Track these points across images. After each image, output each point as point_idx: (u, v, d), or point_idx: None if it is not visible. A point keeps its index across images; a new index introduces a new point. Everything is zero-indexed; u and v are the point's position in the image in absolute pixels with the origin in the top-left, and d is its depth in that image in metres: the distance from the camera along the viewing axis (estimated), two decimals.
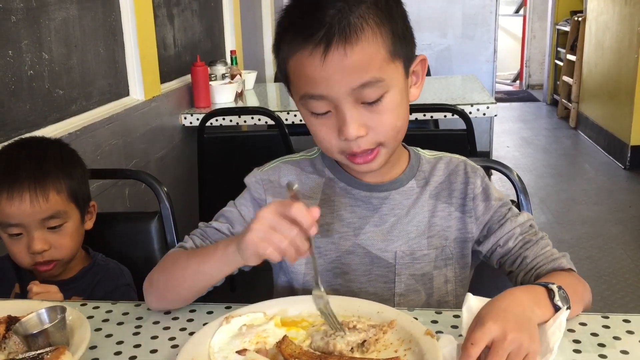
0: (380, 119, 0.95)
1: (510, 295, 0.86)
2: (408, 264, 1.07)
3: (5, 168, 1.24)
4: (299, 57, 0.93)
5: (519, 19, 8.81)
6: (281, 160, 1.14)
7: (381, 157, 0.99)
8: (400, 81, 0.97)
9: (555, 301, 0.87)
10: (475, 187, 1.09)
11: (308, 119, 0.99)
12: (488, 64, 4.77)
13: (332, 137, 0.97)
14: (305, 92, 0.95)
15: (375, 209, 1.07)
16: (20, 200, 1.21)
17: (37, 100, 1.82)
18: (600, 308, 1.17)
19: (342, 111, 0.93)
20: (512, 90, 8.51)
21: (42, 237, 1.24)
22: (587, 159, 5.13)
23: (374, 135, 0.96)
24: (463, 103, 2.78)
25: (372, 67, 0.91)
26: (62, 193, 1.26)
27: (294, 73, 0.96)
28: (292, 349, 0.84)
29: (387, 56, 0.93)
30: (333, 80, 0.91)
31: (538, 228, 1.09)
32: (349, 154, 0.98)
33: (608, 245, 3.40)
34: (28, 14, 1.77)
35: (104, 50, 2.25)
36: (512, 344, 0.77)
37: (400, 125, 0.99)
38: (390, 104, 0.95)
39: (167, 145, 2.73)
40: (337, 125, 0.95)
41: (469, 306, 0.87)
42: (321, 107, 0.95)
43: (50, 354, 0.83)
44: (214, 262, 0.95)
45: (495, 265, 1.10)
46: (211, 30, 3.57)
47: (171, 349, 0.91)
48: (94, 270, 1.34)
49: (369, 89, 0.92)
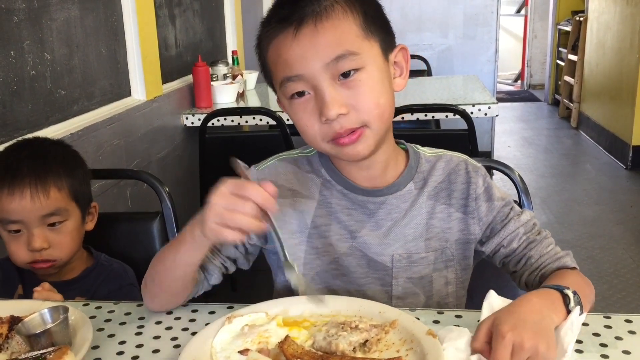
0: (360, 96, 0.94)
1: (527, 302, 0.85)
2: (405, 267, 1.06)
3: (7, 165, 1.24)
4: (274, 44, 0.97)
5: (520, 18, 8.80)
6: (277, 157, 1.13)
7: (367, 139, 0.97)
8: (378, 61, 0.97)
9: (570, 307, 0.87)
10: (477, 187, 1.07)
11: (289, 108, 1.00)
12: (489, 64, 4.77)
13: (314, 122, 0.96)
14: (284, 76, 0.96)
15: (372, 214, 1.06)
16: (21, 196, 1.21)
17: (39, 100, 1.83)
18: (602, 308, 1.17)
19: (320, 91, 0.94)
20: (513, 90, 8.50)
21: (42, 235, 1.24)
22: (589, 159, 5.13)
23: (356, 114, 0.95)
24: (464, 103, 2.78)
25: (345, 41, 0.93)
26: (63, 190, 1.26)
27: (273, 63, 0.98)
28: (294, 348, 0.84)
29: (360, 33, 0.95)
30: (307, 56, 0.93)
31: (540, 226, 1.09)
32: (334, 137, 0.96)
33: (609, 246, 3.40)
34: (30, 15, 1.78)
35: (105, 51, 2.25)
36: (529, 352, 0.78)
37: (384, 103, 0.97)
38: (368, 80, 0.95)
39: (168, 145, 2.73)
40: (318, 108, 0.95)
41: (490, 303, 0.87)
42: (299, 87, 0.96)
43: (53, 354, 0.83)
44: (185, 250, 0.95)
45: (499, 265, 1.10)
46: (212, 30, 3.57)
47: (173, 349, 0.91)
48: (97, 270, 1.34)
49: (344, 61, 0.93)
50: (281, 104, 1.04)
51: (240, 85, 3.24)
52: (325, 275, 1.08)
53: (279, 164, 1.11)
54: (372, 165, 1.05)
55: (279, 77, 0.97)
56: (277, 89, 1.01)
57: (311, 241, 1.07)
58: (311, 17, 0.93)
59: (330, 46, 0.92)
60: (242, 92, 3.26)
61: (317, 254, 1.07)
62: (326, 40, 0.93)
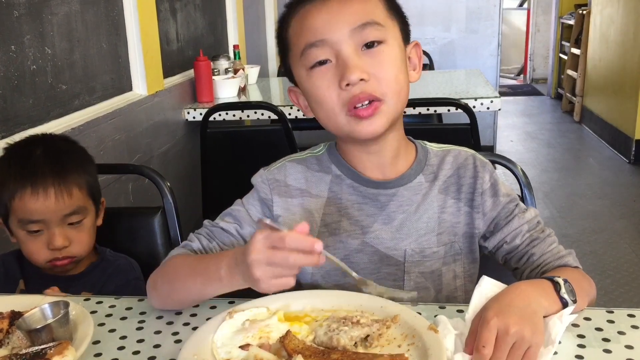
0: (382, 66, 0.96)
1: (515, 289, 0.86)
2: (417, 262, 1.06)
3: (24, 165, 1.23)
4: (300, 14, 0.99)
5: (523, 12, 8.77)
6: (287, 159, 1.13)
7: (383, 115, 0.97)
8: (398, 40, 1.01)
9: (562, 294, 0.87)
10: (484, 182, 1.07)
11: (309, 80, 0.99)
12: (492, 57, 4.76)
13: (333, 91, 0.97)
14: (307, 42, 0.97)
15: (383, 207, 1.05)
16: (46, 197, 1.20)
17: (40, 95, 1.82)
18: (605, 303, 1.17)
19: (343, 56, 0.95)
20: (516, 84, 8.49)
21: (63, 233, 1.24)
22: (592, 153, 5.11)
23: (376, 82, 0.96)
24: (467, 97, 2.77)
25: (372, 12, 0.97)
26: (83, 189, 1.26)
27: (295, 34, 1.00)
28: (296, 343, 0.84)
29: (385, 12, 1.00)
30: (333, 21, 0.96)
31: (544, 224, 1.09)
32: (352, 103, 0.96)
33: (612, 240, 3.40)
34: (30, 9, 1.77)
35: (106, 45, 2.24)
36: (514, 337, 0.78)
37: (402, 80, 0.99)
38: (389, 53, 0.98)
39: (170, 140, 2.73)
40: (339, 74, 0.96)
41: (481, 290, 0.88)
42: (322, 54, 0.97)
43: (54, 349, 0.83)
44: (219, 286, 0.92)
45: (500, 261, 1.10)
46: (214, 24, 3.56)
47: (174, 343, 0.91)
48: (103, 265, 1.34)
49: (369, 30, 0.96)
50: (292, 92, 1.05)
51: (242, 79, 3.23)
52: (335, 274, 1.07)
53: (288, 165, 1.11)
54: (383, 152, 1.05)
55: (301, 45, 0.98)
56: (296, 62, 1.01)
57: (321, 239, 1.06)
58: None
59: (357, 13, 0.96)
60: (243, 86, 3.26)
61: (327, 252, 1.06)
62: (355, 8, 0.96)
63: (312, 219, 1.07)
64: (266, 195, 1.09)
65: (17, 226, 1.24)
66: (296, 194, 1.08)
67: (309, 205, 1.08)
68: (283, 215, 1.08)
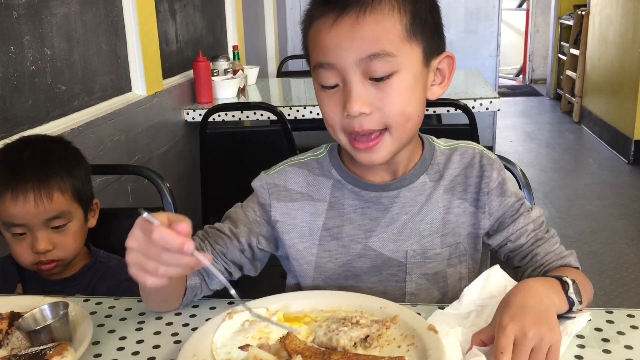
0: (388, 98, 0.91)
1: (525, 287, 0.86)
2: (419, 263, 1.05)
3: (9, 168, 1.23)
4: (315, 25, 0.94)
5: (522, 13, 8.78)
6: (288, 162, 1.11)
7: (385, 147, 0.95)
8: (415, 65, 0.93)
9: (570, 294, 0.87)
10: (491, 181, 1.05)
11: (318, 93, 0.97)
12: (491, 58, 4.75)
13: (337, 113, 0.95)
14: (317, 61, 0.94)
15: (386, 209, 1.04)
16: (25, 201, 1.20)
17: (39, 96, 1.82)
18: (604, 303, 1.17)
19: (348, 84, 0.91)
20: (515, 85, 8.49)
21: (46, 237, 1.23)
22: (591, 154, 5.12)
23: (379, 115, 0.92)
24: (466, 98, 2.77)
25: (384, 40, 0.89)
26: (66, 193, 1.25)
27: (312, 43, 0.96)
28: (296, 344, 0.84)
29: (403, 34, 0.91)
30: (342, 47, 0.90)
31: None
32: (351, 133, 0.95)
33: (611, 240, 3.40)
34: (30, 10, 1.77)
35: (106, 46, 2.24)
36: (533, 340, 0.77)
37: (411, 112, 0.94)
38: (400, 84, 0.91)
39: (169, 140, 2.73)
40: (343, 99, 0.93)
41: (488, 276, 0.91)
42: (329, 79, 0.93)
43: (53, 349, 0.83)
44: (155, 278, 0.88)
45: (502, 259, 1.09)
46: (213, 25, 3.56)
47: (174, 344, 0.91)
48: (96, 267, 1.34)
49: (378, 62, 0.89)
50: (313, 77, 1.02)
51: (241, 80, 3.23)
52: (337, 278, 1.06)
53: (289, 169, 1.10)
54: (386, 166, 1.04)
55: (314, 59, 0.96)
56: (311, 69, 0.99)
57: (323, 244, 1.06)
58: (354, 7, 0.89)
59: (367, 42, 0.89)
60: (243, 87, 3.26)
61: (329, 257, 1.06)
62: (364, 34, 0.89)
63: (314, 223, 1.07)
64: (265, 201, 1.09)
65: (3, 229, 1.24)
66: (297, 197, 1.07)
67: (310, 209, 1.07)
68: (282, 220, 1.07)
